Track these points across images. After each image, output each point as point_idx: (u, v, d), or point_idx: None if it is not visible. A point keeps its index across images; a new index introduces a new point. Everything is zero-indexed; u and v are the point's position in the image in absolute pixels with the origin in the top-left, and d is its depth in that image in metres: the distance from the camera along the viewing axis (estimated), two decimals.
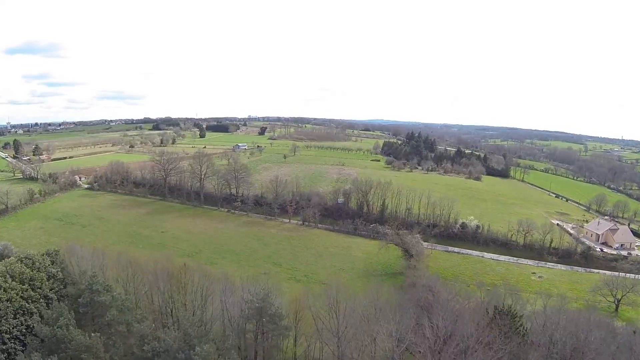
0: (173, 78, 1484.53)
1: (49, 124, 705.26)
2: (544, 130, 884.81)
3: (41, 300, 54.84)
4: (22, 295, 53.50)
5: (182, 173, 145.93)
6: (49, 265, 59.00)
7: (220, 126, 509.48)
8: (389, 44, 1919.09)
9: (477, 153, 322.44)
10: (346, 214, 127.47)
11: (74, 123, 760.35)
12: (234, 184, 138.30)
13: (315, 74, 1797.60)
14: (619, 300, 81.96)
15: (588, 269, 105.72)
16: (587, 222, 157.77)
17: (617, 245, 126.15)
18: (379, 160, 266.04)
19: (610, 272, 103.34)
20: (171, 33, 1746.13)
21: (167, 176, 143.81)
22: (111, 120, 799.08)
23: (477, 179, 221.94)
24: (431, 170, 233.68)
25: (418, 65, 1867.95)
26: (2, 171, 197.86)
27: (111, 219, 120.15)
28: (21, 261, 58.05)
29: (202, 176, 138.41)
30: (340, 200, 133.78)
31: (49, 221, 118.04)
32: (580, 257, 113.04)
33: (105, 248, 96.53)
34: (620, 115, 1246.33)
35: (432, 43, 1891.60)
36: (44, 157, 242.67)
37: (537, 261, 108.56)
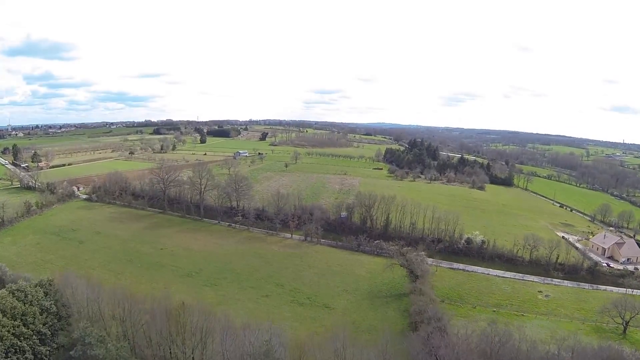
0: (175, 81, 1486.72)
1: (50, 127, 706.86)
2: (545, 134, 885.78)
3: (34, 337, 52.47)
4: (13, 332, 51.17)
5: (182, 185, 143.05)
6: (42, 298, 56.64)
7: (221, 131, 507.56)
8: (391, 49, 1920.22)
9: (481, 161, 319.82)
10: (349, 229, 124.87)
11: (75, 126, 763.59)
12: (235, 197, 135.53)
13: (317, 78, 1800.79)
14: (627, 322, 79.60)
15: (595, 286, 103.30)
16: (592, 233, 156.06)
17: (623, 259, 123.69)
18: (381, 169, 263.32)
19: (617, 288, 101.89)
20: (173, 37, 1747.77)
21: (166, 189, 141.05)
22: (112, 123, 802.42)
23: (481, 188, 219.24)
24: (434, 180, 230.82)
25: (419, 69, 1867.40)
26: (0, 179, 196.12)
27: (109, 234, 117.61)
28: (13, 294, 55.70)
29: (202, 189, 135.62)
30: (344, 214, 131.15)
31: (45, 236, 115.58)
32: (587, 273, 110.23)
33: (102, 267, 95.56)
34: (621, 119, 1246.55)
35: (434, 48, 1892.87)
36: (42, 164, 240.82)
37: (543, 277, 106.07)
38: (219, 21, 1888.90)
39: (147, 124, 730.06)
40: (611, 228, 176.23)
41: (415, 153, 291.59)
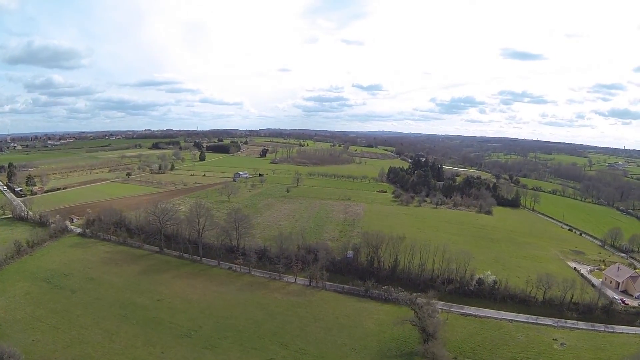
0: (176, 87, 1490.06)
1: (49, 137, 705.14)
2: (545, 141, 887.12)
3: None
4: None
5: (179, 224, 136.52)
6: None
7: (221, 147, 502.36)
8: (392, 54, 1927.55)
9: (485, 176, 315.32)
10: (355, 270, 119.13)
11: (74, 136, 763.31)
12: (235, 236, 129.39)
13: (318, 85, 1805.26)
14: None
15: (610, 327, 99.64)
16: (603, 262, 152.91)
17: (638, 293, 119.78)
18: (385, 191, 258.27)
19: (633, 329, 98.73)
20: (175, 46, 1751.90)
21: (162, 227, 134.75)
22: (112, 133, 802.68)
23: (488, 212, 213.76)
24: (440, 204, 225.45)
25: (419, 75, 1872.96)
26: None
27: (103, 280, 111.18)
28: None
29: (201, 229, 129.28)
30: (350, 253, 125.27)
31: (36, 283, 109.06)
32: (602, 312, 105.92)
33: (94, 325, 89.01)
34: (620, 124, 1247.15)
35: (435, 54, 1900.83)
36: (36, 188, 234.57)
37: (557, 319, 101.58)
38: (221, 29, 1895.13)
39: (147, 135, 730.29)
40: (622, 254, 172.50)
41: (419, 174, 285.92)
